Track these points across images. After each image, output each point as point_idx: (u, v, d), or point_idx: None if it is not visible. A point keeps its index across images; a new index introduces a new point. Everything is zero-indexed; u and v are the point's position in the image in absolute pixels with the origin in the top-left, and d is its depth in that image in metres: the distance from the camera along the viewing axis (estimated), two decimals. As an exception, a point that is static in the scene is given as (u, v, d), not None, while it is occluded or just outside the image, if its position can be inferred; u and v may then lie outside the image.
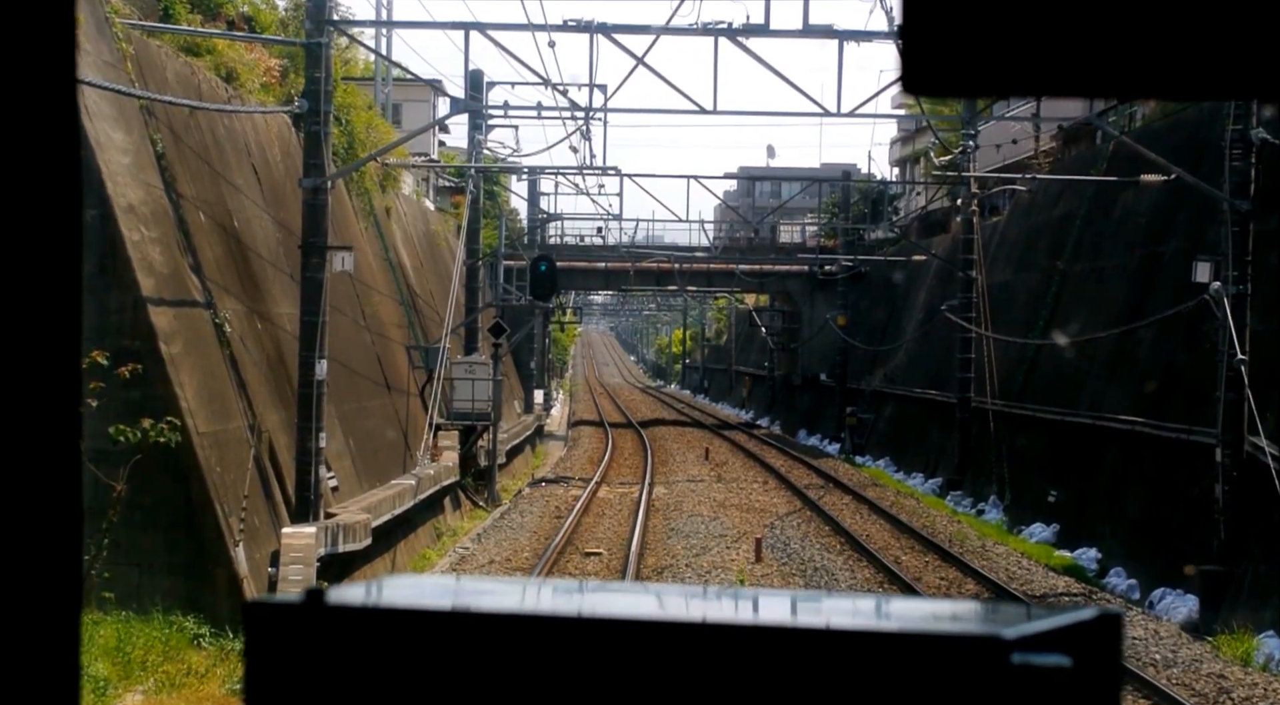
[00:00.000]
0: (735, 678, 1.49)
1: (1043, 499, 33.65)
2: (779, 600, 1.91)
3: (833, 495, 38.76)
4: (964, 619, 1.72)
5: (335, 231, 33.18)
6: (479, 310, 40.96)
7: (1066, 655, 1.51)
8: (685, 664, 1.51)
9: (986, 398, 38.86)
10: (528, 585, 1.97)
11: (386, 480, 30.02)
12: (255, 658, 1.62)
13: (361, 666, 1.59)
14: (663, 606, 1.79)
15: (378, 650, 1.59)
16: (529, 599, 1.86)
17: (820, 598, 1.93)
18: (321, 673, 1.60)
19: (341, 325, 30.62)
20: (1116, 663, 1.67)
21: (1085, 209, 37.89)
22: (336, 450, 27.13)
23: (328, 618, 1.62)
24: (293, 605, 1.63)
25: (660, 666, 1.51)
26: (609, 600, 1.94)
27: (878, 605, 1.79)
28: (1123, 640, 1.71)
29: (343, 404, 28.70)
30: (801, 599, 1.94)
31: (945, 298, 51.28)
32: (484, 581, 2.14)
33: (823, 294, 65.56)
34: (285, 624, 1.62)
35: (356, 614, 1.64)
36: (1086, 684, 1.59)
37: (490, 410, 37.95)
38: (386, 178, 42.01)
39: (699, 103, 23.82)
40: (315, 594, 1.65)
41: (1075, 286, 37.02)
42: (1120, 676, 1.69)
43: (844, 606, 1.81)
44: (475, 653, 1.57)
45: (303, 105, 22.43)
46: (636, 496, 37.26)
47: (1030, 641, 1.49)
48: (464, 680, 1.57)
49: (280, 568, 20.51)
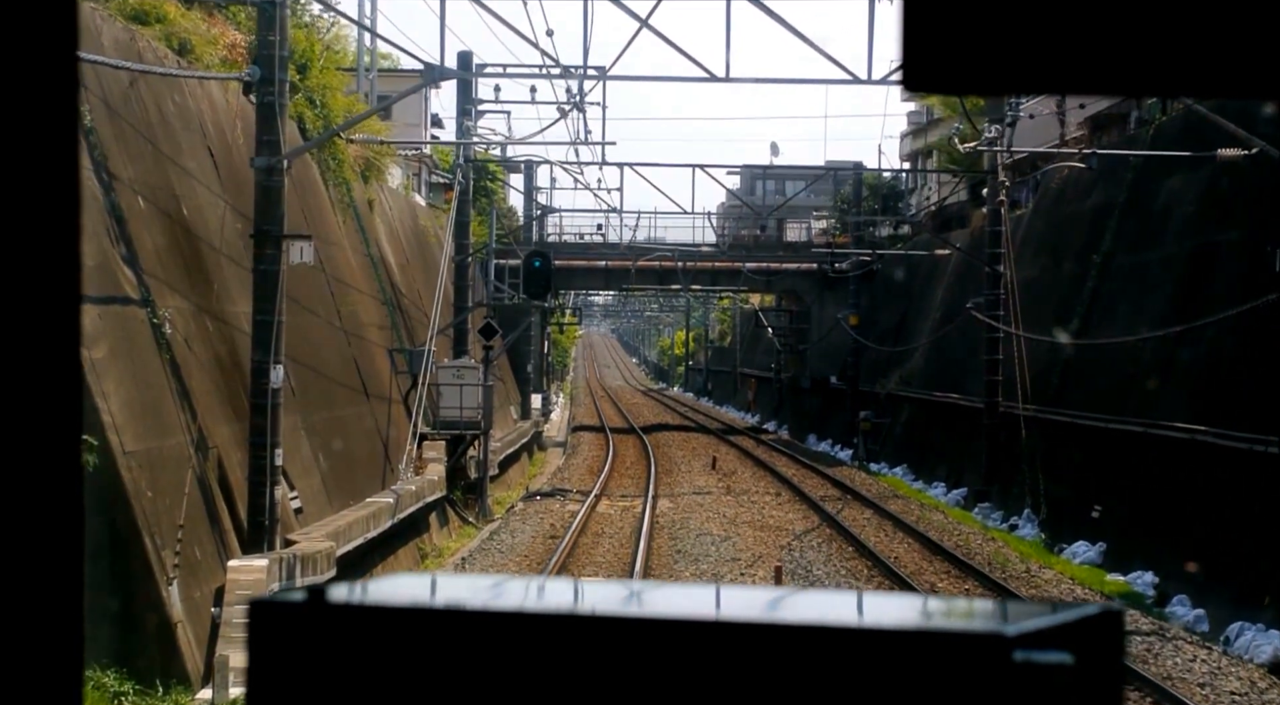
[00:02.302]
0: (737, 676, 1.48)
1: (1083, 514, 30.70)
2: (779, 598, 1.80)
3: (852, 509, 35.77)
4: (966, 616, 1.75)
5: (310, 223, 30.26)
6: (469, 310, 37.98)
7: (1069, 652, 1.50)
8: (686, 663, 1.50)
9: (1017, 402, 35.93)
10: (530, 584, 1.92)
11: (363, 498, 27.08)
12: (258, 657, 1.63)
13: (364, 665, 1.60)
14: (664, 605, 1.79)
15: (381, 649, 1.59)
16: (532, 597, 1.84)
17: (821, 595, 1.87)
18: (324, 671, 1.61)
19: (313, 326, 27.70)
20: (1119, 660, 1.67)
21: (1124, 198, 34.94)
22: (303, 466, 24.19)
23: (330, 616, 1.63)
24: (295, 604, 1.64)
25: (661, 665, 1.50)
26: (611, 599, 1.80)
27: (880, 603, 1.77)
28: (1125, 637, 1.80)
29: (312, 414, 25.77)
30: (802, 597, 1.88)
31: (965, 295, 48.50)
32: (487, 580, 2.06)
33: (832, 293, 63.06)
34: (288, 623, 1.63)
35: (359, 612, 1.64)
36: (1089, 681, 1.58)
37: (481, 418, 34.96)
38: (370, 168, 39.08)
39: (709, 69, 20.74)
40: (318, 593, 1.65)
41: (1115, 281, 34.07)
42: (1123, 674, 1.67)
43: (845, 604, 1.76)
44: (478, 651, 1.57)
45: (253, 72, 19.48)
46: (639, 511, 34.30)
47: (1032, 638, 1.47)
48: (466, 679, 1.57)
49: (225, 608, 17.58)
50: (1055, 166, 39.60)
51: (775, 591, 1.87)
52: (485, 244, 38.54)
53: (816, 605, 1.79)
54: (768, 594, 1.81)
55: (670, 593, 1.95)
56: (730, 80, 20.84)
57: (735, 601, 1.79)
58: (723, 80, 20.72)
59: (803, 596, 1.87)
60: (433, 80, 20.97)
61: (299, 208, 29.41)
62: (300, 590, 1.67)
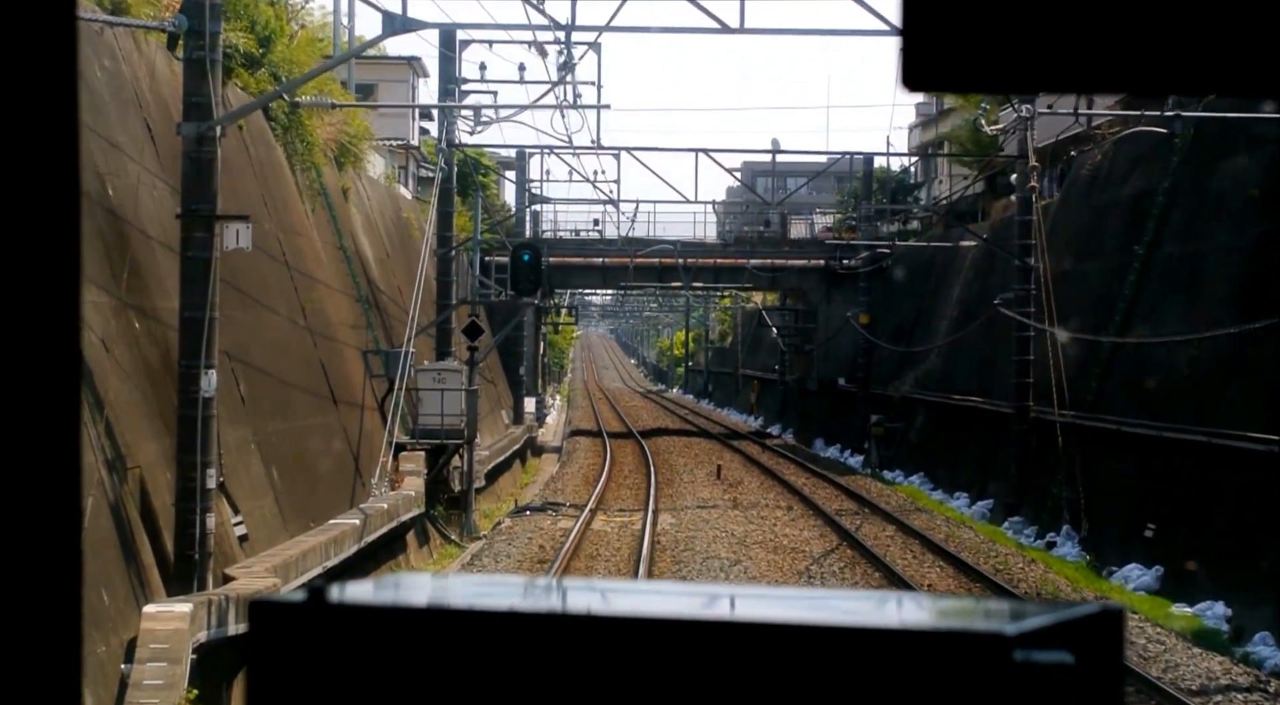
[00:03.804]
0: (737, 675, 1.45)
1: (1132, 533, 27.60)
2: (779, 597, 1.77)
3: (872, 525, 32.64)
4: (967, 615, 1.71)
5: (273, 210, 27.15)
6: (452, 307, 34.82)
7: (1069, 651, 1.49)
8: (687, 662, 1.47)
9: (1050, 407, 32.83)
10: (531, 584, 1.91)
11: (327, 519, 23.94)
12: (258, 657, 1.60)
13: (364, 665, 1.57)
14: (665, 605, 1.75)
15: (380, 649, 1.57)
16: (532, 597, 1.82)
17: (821, 595, 1.83)
18: (324, 671, 1.59)
19: (271, 325, 24.59)
20: (1118, 659, 1.65)
21: (1171, 183, 31.79)
22: (252, 486, 21.06)
23: (330, 616, 1.60)
24: (296, 604, 1.61)
25: (662, 664, 1.48)
26: (611, 598, 1.81)
27: (880, 602, 1.73)
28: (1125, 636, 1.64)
29: (266, 425, 22.65)
30: (802, 596, 1.80)
31: (984, 293, 45.45)
32: (487, 579, 2.10)
33: (839, 291, 60.09)
34: (288, 623, 1.60)
35: (359, 613, 1.62)
36: (1089, 680, 1.56)
37: (464, 426, 31.81)
38: (345, 153, 35.96)
39: (721, 19, 17.50)
40: (317, 593, 1.62)
41: (1162, 274, 30.95)
42: (1122, 673, 1.64)
43: (846, 603, 1.75)
44: (478, 651, 1.55)
45: (179, 21, 16.33)
46: (639, 528, 31.18)
47: (1032, 638, 1.46)
48: (466, 679, 1.55)
49: (135, 666, 14.44)
50: (1087, 150, 36.51)
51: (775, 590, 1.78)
52: (472, 236, 35.47)
53: (816, 605, 1.71)
54: (768, 593, 1.76)
55: (670, 592, 1.95)
56: (745, 31, 17.64)
57: (737, 601, 1.72)
58: (736, 31, 17.53)
59: (803, 596, 1.78)
60: (393, 30, 17.81)
61: (259, 194, 26.31)
62: (300, 590, 1.64)
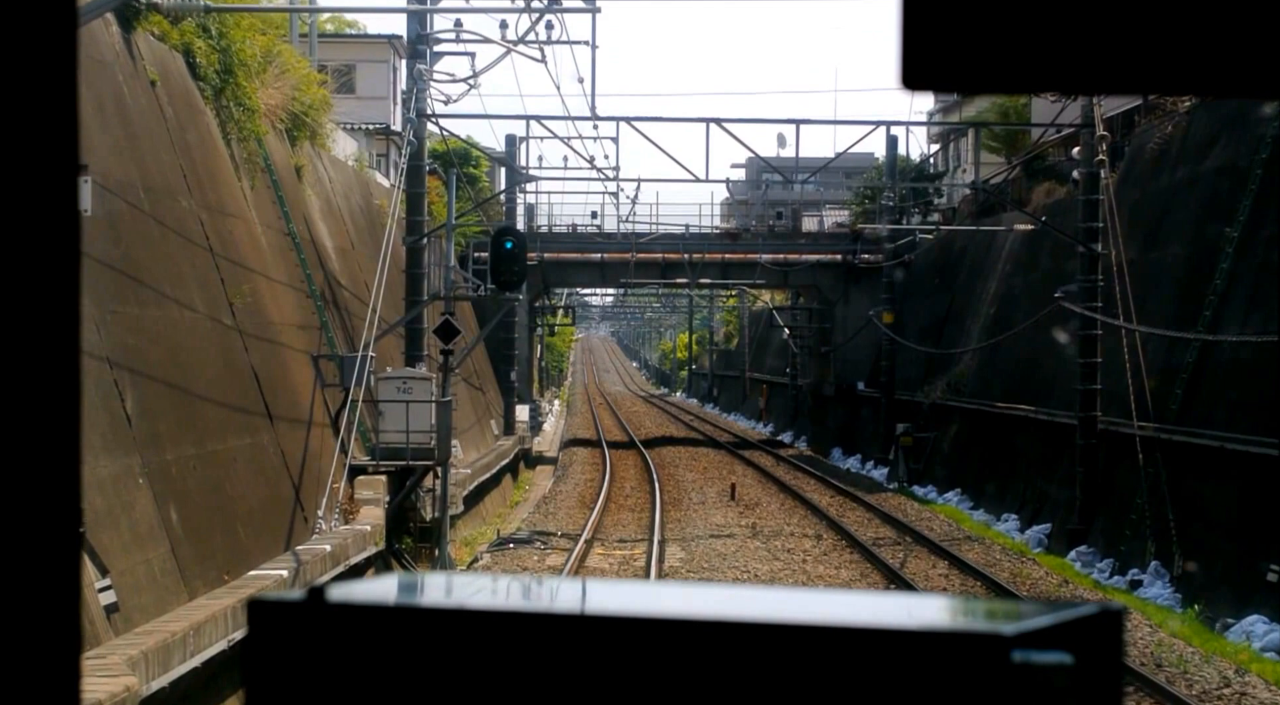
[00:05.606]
0: (736, 675, 1.46)
1: (1247, 574, 22.64)
2: (778, 597, 1.75)
3: (919, 559, 27.62)
4: (965, 615, 1.70)
5: (196, 186, 22.18)
6: (424, 304, 29.85)
7: (1068, 652, 1.48)
8: (688, 662, 1.48)
9: (1126, 418, 27.92)
10: (530, 583, 1.92)
11: (248, 568, 18.97)
12: (256, 656, 1.60)
13: (363, 664, 1.57)
14: (665, 604, 1.75)
15: (380, 648, 1.57)
16: (532, 597, 1.83)
17: (821, 594, 1.81)
18: (323, 671, 1.59)
19: (179, 324, 19.63)
20: (1118, 660, 1.64)
21: (1269, 153, 26.84)
22: (134, 534, 16.06)
23: (329, 616, 1.60)
24: (294, 603, 1.60)
25: (663, 664, 1.49)
26: (612, 598, 1.78)
27: (879, 602, 1.72)
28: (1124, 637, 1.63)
29: (164, 450, 17.68)
30: (802, 596, 1.78)
31: (1027, 287, 40.60)
32: (486, 579, 2.07)
33: (858, 288, 55.35)
34: (287, 622, 1.60)
35: (358, 612, 1.61)
36: (1088, 681, 1.55)
37: (434, 444, 26.82)
38: (299, 126, 31.01)
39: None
40: (317, 592, 1.61)
41: (1261, 262, 26.00)
42: (1122, 673, 1.64)
43: (845, 603, 1.71)
44: (478, 651, 1.55)
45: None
46: (642, 565, 26.21)
47: (1031, 638, 1.45)
48: (466, 679, 1.55)
49: None
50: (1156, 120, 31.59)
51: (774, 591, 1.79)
52: (446, 222, 30.59)
53: (815, 604, 1.70)
54: (766, 593, 1.77)
55: (670, 592, 1.95)
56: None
57: (734, 601, 1.74)
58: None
59: (802, 596, 1.75)
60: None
61: (177, 164, 21.37)
62: (300, 589, 1.63)
